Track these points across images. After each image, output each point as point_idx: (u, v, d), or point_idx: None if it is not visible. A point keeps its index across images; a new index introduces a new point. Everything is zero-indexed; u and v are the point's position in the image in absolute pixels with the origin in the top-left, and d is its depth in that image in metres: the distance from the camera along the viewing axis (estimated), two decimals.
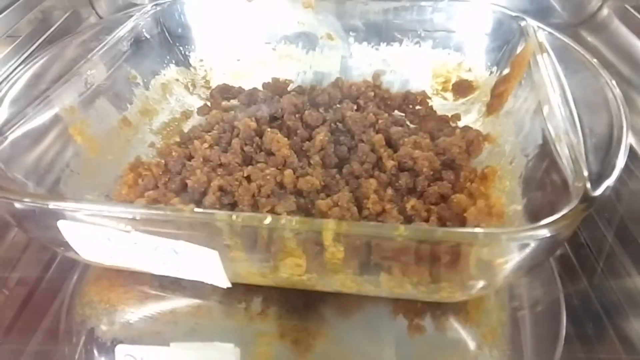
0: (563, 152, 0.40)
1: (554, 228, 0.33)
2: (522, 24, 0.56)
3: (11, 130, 0.44)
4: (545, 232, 0.33)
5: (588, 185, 0.36)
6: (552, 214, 0.36)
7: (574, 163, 0.38)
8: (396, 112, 0.62)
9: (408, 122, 0.60)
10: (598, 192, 0.36)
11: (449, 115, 0.60)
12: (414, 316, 0.43)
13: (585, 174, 0.37)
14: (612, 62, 0.67)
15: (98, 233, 0.37)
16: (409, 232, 0.33)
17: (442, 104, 0.62)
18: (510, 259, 0.35)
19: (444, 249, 0.35)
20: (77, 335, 0.44)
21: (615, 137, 0.40)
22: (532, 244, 0.34)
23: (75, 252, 0.40)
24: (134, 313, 0.45)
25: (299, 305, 0.44)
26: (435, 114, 0.60)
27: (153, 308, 0.45)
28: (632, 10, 0.70)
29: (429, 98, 0.62)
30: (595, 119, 0.43)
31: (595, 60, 0.48)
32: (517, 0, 0.80)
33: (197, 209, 0.35)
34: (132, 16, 0.60)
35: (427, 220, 0.46)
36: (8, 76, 0.48)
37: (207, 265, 0.37)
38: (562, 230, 0.34)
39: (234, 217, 0.35)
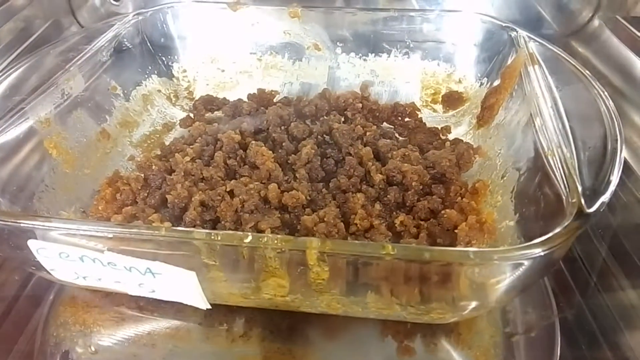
0: (556, 166, 0.39)
1: (549, 246, 0.32)
2: (513, 34, 0.55)
3: None
4: (539, 251, 0.32)
5: (582, 201, 0.35)
6: (545, 231, 0.35)
7: (567, 178, 0.37)
8: (385, 124, 0.61)
9: (397, 135, 0.58)
10: (593, 209, 0.34)
11: (439, 128, 0.58)
12: (404, 337, 0.41)
13: (580, 189, 0.36)
14: (604, 73, 0.67)
15: (70, 252, 0.35)
16: (397, 251, 0.32)
17: (431, 116, 0.61)
18: (503, 279, 0.33)
19: (434, 269, 0.33)
20: (51, 357, 0.42)
21: (610, 151, 0.39)
22: (526, 263, 0.32)
23: (48, 272, 0.38)
24: (110, 335, 0.43)
25: (283, 327, 0.42)
26: (425, 126, 0.59)
27: (130, 330, 0.43)
28: (623, 21, 0.69)
29: (419, 110, 0.61)
30: (588, 132, 0.42)
31: (587, 71, 0.47)
32: (507, 11, 0.79)
33: (173, 228, 0.33)
34: (113, 25, 0.58)
35: (416, 237, 0.45)
36: None
37: (185, 286, 0.35)
38: (557, 249, 0.33)
39: (212, 236, 0.33)
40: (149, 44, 0.62)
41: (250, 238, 0.32)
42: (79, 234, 0.34)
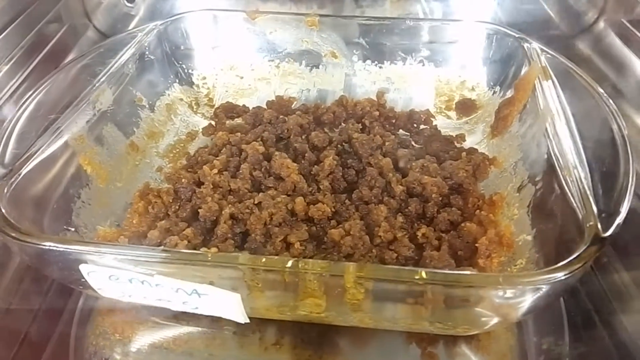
0: (572, 186, 0.41)
1: (569, 270, 0.34)
2: (526, 45, 0.56)
3: (25, 166, 0.43)
4: (560, 275, 0.34)
5: (599, 224, 0.37)
6: (562, 250, 0.38)
7: (583, 199, 0.39)
8: (401, 131, 0.63)
9: (413, 143, 0.61)
10: (609, 232, 0.37)
11: (454, 135, 0.60)
12: (427, 344, 0.44)
13: (595, 211, 0.38)
14: (607, 74, 0.69)
15: (120, 275, 0.37)
16: (429, 276, 0.34)
17: (445, 123, 0.63)
18: (525, 299, 0.36)
19: (461, 292, 0.35)
20: None
21: (622, 171, 0.41)
22: (546, 286, 0.35)
23: (95, 291, 0.40)
24: (148, 344, 0.45)
25: (314, 335, 0.45)
26: (440, 134, 0.61)
27: (168, 338, 0.46)
28: (628, 24, 0.71)
29: (433, 117, 0.62)
30: (601, 152, 0.44)
31: (600, 88, 0.49)
32: (517, 12, 0.81)
33: (220, 253, 0.35)
34: (135, 36, 0.60)
35: (438, 249, 0.47)
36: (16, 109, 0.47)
37: (228, 305, 0.38)
38: (577, 272, 0.35)
39: (256, 260, 0.35)
40: (170, 53, 0.64)
41: (291, 263, 0.35)
42: (129, 259, 0.36)
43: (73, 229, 0.46)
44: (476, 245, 0.46)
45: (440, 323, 0.39)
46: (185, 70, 0.65)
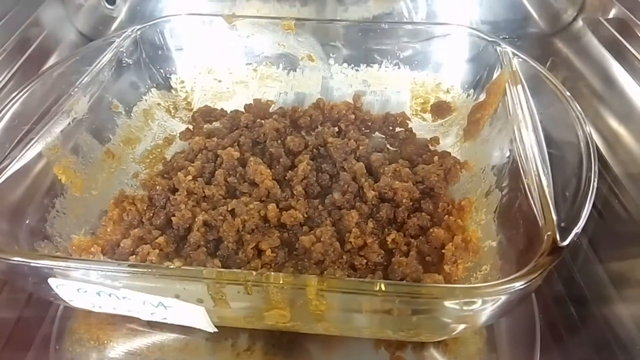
0: (534, 193, 0.42)
1: (525, 281, 0.35)
2: (498, 49, 0.57)
3: None
4: (517, 285, 0.35)
5: (557, 234, 0.38)
6: (524, 256, 0.38)
7: (543, 207, 0.40)
8: (377, 133, 0.63)
9: (389, 145, 0.61)
10: (566, 242, 0.37)
11: (428, 138, 0.61)
12: (395, 349, 0.45)
13: (555, 220, 0.39)
14: (583, 73, 0.69)
15: (88, 289, 0.38)
16: (388, 288, 0.35)
17: (421, 125, 0.64)
18: (485, 308, 0.37)
19: (422, 302, 0.36)
20: None
21: (584, 180, 0.42)
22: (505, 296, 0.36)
23: (67, 303, 0.41)
24: (123, 350, 0.46)
25: (285, 341, 0.46)
26: (415, 137, 0.62)
27: (142, 345, 0.46)
28: (605, 23, 0.71)
29: (409, 119, 0.63)
30: (566, 159, 0.45)
31: (567, 93, 0.49)
32: (498, 10, 0.81)
33: (184, 267, 0.36)
34: (112, 42, 0.60)
35: (407, 254, 0.48)
36: None
37: (194, 316, 0.39)
38: (533, 282, 0.36)
39: (219, 275, 0.36)
40: (148, 58, 0.64)
41: (254, 276, 0.36)
42: (95, 273, 0.37)
43: (47, 239, 0.47)
44: (443, 251, 0.46)
45: (404, 332, 0.40)
46: (163, 75, 0.66)
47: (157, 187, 0.53)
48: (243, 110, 0.66)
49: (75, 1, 0.79)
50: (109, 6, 0.79)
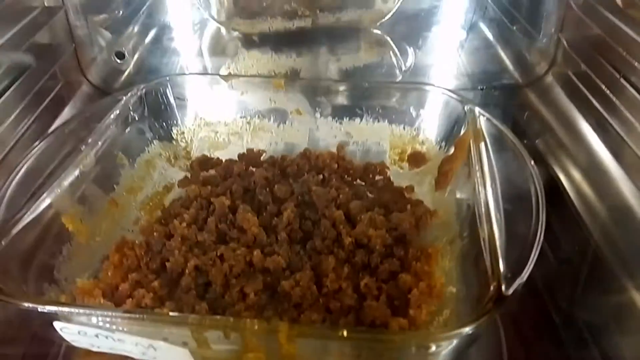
0: (487, 244, 0.47)
1: (473, 327, 0.40)
2: (466, 108, 0.62)
3: (12, 230, 0.50)
4: (465, 331, 0.40)
5: (503, 285, 0.43)
6: (476, 303, 0.43)
7: (493, 258, 0.45)
8: (358, 180, 0.69)
9: (368, 193, 0.67)
10: (510, 292, 0.42)
11: (404, 187, 0.66)
12: None
13: (502, 271, 0.44)
14: (552, 124, 0.74)
15: (87, 331, 0.43)
16: (349, 334, 0.40)
17: (399, 173, 0.69)
18: (440, 350, 0.42)
19: (381, 346, 0.41)
20: None
21: (531, 234, 0.46)
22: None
23: (69, 343, 0.46)
24: None
25: None
26: (392, 185, 0.67)
27: None
28: (573, 77, 0.76)
29: (388, 168, 0.69)
30: (518, 213, 0.50)
31: (524, 151, 0.55)
32: (478, 61, 0.87)
33: (171, 314, 0.42)
34: (119, 100, 0.66)
35: (378, 298, 0.53)
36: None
37: (180, 358, 0.44)
38: (479, 327, 0.41)
39: (201, 320, 0.41)
40: (151, 112, 0.70)
41: (230, 322, 0.41)
42: (94, 318, 0.42)
43: (54, 283, 0.52)
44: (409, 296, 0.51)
45: None
46: (165, 127, 0.72)
47: (155, 234, 0.59)
48: (237, 158, 0.72)
49: (88, 56, 0.86)
50: (119, 60, 0.87)
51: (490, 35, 0.98)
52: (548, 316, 0.56)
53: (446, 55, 0.94)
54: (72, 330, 0.44)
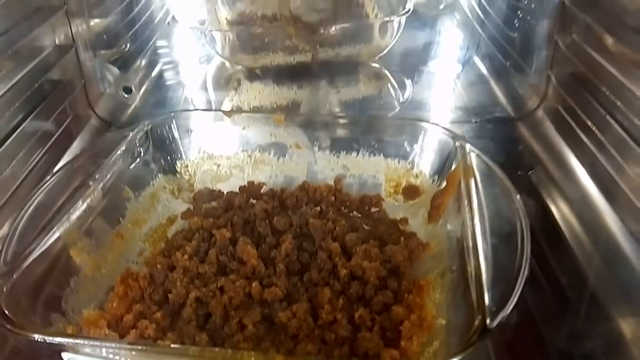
0: (474, 279, 0.49)
1: (459, 357, 0.42)
2: (457, 144, 0.65)
3: (23, 263, 0.52)
4: None
5: (487, 318, 0.45)
6: (462, 335, 0.45)
7: (478, 293, 0.47)
8: (354, 212, 0.71)
9: (364, 225, 0.69)
10: (494, 324, 0.44)
11: (399, 219, 0.69)
12: None
13: (487, 303, 0.46)
14: (541, 158, 0.77)
15: None
16: None
17: (394, 206, 0.72)
18: None
19: None
20: None
21: (515, 272, 0.49)
22: None
23: None
24: None
25: None
26: (387, 217, 0.69)
27: None
28: (562, 111, 0.79)
29: (383, 200, 0.71)
30: (504, 248, 0.52)
31: (513, 187, 0.57)
32: (472, 93, 0.90)
33: (172, 346, 0.44)
34: (126, 136, 0.69)
35: (371, 329, 0.55)
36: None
37: None
38: (465, 357, 0.43)
39: (201, 352, 0.44)
40: (156, 147, 0.73)
41: (230, 354, 0.43)
42: (99, 349, 0.45)
43: (61, 314, 0.55)
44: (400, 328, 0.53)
45: None
46: (169, 161, 0.75)
47: (158, 266, 0.61)
48: (238, 191, 0.75)
49: (96, 91, 0.90)
50: (126, 95, 0.90)
51: (484, 70, 1.02)
52: (542, 346, 0.57)
53: (442, 89, 0.97)
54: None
